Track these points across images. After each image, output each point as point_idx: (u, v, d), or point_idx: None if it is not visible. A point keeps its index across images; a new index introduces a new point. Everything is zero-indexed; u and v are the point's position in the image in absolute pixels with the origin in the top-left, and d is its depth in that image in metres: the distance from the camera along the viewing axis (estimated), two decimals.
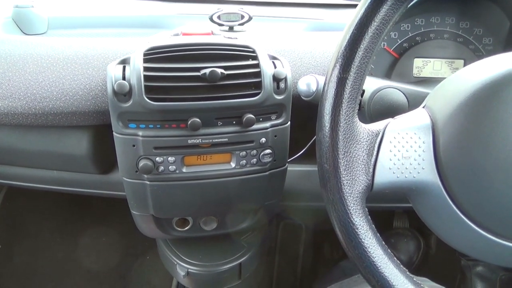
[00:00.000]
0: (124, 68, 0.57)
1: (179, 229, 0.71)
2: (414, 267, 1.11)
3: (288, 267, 1.18)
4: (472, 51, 0.72)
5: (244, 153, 0.61)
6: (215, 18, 0.84)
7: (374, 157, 0.41)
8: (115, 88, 0.54)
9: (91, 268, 1.21)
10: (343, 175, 0.39)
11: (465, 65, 0.72)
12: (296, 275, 1.18)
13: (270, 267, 1.16)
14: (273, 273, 1.16)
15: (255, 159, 0.62)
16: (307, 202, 0.79)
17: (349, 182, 0.40)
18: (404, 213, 1.16)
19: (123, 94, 0.55)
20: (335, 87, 0.39)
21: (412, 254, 1.11)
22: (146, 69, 0.55)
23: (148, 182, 0.61)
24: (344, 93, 0.39)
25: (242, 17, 0.85)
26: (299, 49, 0.72)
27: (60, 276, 1.21)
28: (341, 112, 0.39)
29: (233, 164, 0.62)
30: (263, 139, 0.61)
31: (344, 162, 0.39)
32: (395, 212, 1.17)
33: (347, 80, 0.38)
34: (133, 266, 1.21)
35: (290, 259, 1.18)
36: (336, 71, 0.39)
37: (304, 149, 0.72)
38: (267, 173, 0.64)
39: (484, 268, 0.95)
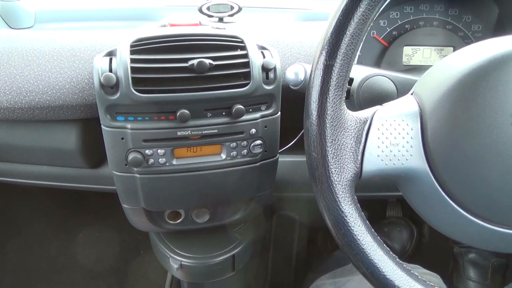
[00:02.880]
0: (110, 60, 0.56)
1: (171, 222, 0.71)
2: (407, 255, 1.12)
3: (283, 258, 1.18)
4: (461, 38, 0.72)
5: (234, 144, 0.61)
6: (204, 9, 0.84)
7: (362, 144, 0.41)
8: (101, 80, 0.54)
9: (85, 264, 1.20)
10: (331, 163, 0.39)
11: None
12: (291, 266, 1.18)
13: (264, 258, 1.16)
14: (268, 264, 1.17)
15: (245, 150, 0.62)
16: (299, 192, 0.79)
17: (337, 170, 0.39)
18: (397, 202, 1.17)
19: (110, 87, 0.54)
20: (321, 75, 0.38)
21: (406, 242, 1.12)
22: (133, 60, 0.55)
23: (138, 175, 0.60)
24: (331, 80, 0.38)
25: (232, 8, 0.85)
26: (289, 39, 0.72)
27: (54, 272, 1.20)
28: (328, 99, 0.38)
29: (223, 156, 0.61)
30: (253, 130, 0.61)
31: (332, 150, 0.39)
32: (388, 201, 1.18)
33: (334, 67, 0.38)
34: (128, 260, 1.21)
35: (284, 250, 1.18)
36: (322, 58, 0.38)
37: (295, 139, 0.72)
38: (258, 164, 0.64)
39: (477, 255, 0.96)
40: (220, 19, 0.84)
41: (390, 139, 0.41)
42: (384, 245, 0.41)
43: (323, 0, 1.02)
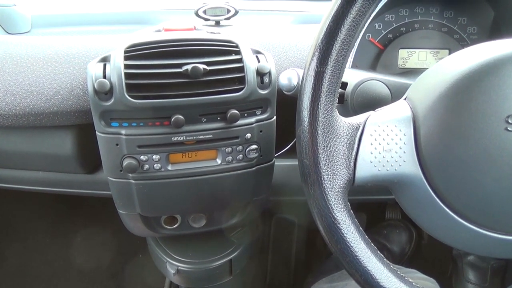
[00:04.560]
0: (104, 66, 0.56)
1: (167, 227, 0.71)
2: (406, 258, 1.11)
3: (282, 261, 1.18)
4: (457, 41, 0.72)
5: (229, 149, 0.61)
6: (200, 12, 0.84)
7: (354, 151, 0.41)
8: (95, 86, 0.53)
9: (83, 268, 1.20)
10: (323, 170, 0.39)
11: (450, 54, 0.72)
12: (290, 269, 1.18)
13: (263, 261, 1.16)
14: (267, 267, 1.17)
15: (241, 155, 0.62)
16: (296, 196, 0.79)
17: (329, 177, 0.39)
18: (396, 204, 1.16)
19: (104, 93, 0.54)
20: (312, 81, 0.38)
21: (405, 245, 1.12)
22: (126, 66, 0.54)
23: (133, 181, 0.60)
24: (322, 87, 0.38)
25: (228, 11, 0.85)
26: (284, 42, 0.72)
27: (52, 276, 1.20)
28: (319, 106, 0.38)
29: (219, 161, 0.61)
30: (249, 135, 0.61)
31: (324, 157, 0.39)
32: (387, 203, 1.18)
33: (325, 74, 0.38)
34: (125, 264, 1.21)
35: (283, 253, 1.18)
36: (313, 65, 0.38)
37: (290, 144, 0.71)
38: (253, 168, 0.64)
39: (475, 257, 0.96)
40: (217, 23, 0.84)
41: (383, 145, 0.41)
42: (378, 251, 0.41)
43: (320, 2, 1.02)
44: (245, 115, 0.60)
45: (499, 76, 0.39)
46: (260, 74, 0.58)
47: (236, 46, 0.59)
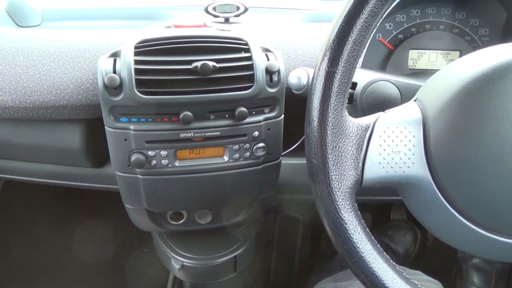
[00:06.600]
0: (114, 61, 0.56)
1: (173, 222, 0.71)
2: (411, 259, 1.11)
3: (285, 260, 1.18)
4: (468, 42, 0.71)
5: (237, 146, 0.61)
6: (210, 9, 0.84)
7: (363, 151, 0.41)
8: (105, 81, 0.54)
9: (87, 261, 1.21)
10: (332, 170, 0.39)
11: (460, 56, 0.71)
12: (293, 268, 1.18)
13: (267, 259, 1.16)
14: (270, 266, 1.17)
15: (248, 153, 0.62)
16: (302, 195, 0.79)
17: (337, 177, 0.39)
18: (401, 205, 1.16)
19: (113, 88, 0.54)
20: (323, 81, 0.38)
21: (409, 246, 1.11)
22: (137, 62, 0.55)
23: (140, 176, 0.60)
24: (332, 87, 0.38)
25: (238, 8, 0.85)
26: (294, 40, 0.72)
27: (56, 268, 1.21)
28: (329, 106, 0.38)
29: (226, 158, 0.61)
30: (256, 133, 0.61)
31: (332, 157, 0.39)
32: (392, 204, 1.17)
33: (335, 74, 0.38)
34: (130, 258, 1.22)
35: (287, 251, 1.18)
36: (324, 65, 0.38)
37: (298, 142, 0.71)
38: (260, 166, 0.64)
39: (480, 260, 0.95)
40: (226, 20, 0.84)
41: (392, 146, 0.41)
42: (384, 253, 0.41)
43: (330, 1, 1.02)
44: (253, 113, 0.60)
45: (511, 79, 0.39)
46: (269, 72, 0.58)
47: (246, 44, 0.59)
